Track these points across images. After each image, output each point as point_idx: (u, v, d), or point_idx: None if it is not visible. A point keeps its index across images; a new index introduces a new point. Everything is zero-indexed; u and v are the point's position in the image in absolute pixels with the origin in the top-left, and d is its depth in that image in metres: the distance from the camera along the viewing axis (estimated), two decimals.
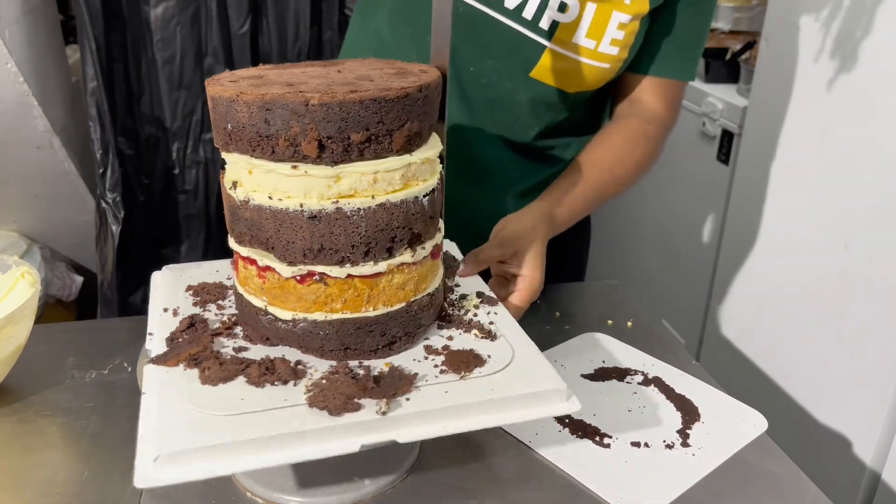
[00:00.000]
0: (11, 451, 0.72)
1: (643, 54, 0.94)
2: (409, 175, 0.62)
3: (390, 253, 0.62)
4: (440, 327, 0.70)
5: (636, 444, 0.75)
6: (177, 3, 1.68)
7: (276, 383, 0.60)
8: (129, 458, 0.71)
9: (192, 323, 0.67)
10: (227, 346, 0.65)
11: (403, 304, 0.65)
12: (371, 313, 0.63)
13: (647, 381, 0.86)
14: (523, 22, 0.87)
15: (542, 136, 0.98)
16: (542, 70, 0.90)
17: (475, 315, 0.72)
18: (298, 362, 0.63)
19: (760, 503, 0.69)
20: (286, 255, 0.61)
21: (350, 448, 0.55)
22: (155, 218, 1.82)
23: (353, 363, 0.63)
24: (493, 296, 0.75)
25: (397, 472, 0.70)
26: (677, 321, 1.97)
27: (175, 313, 0.70)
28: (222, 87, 0.59)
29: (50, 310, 1.69)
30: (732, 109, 1.69)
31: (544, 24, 0.87)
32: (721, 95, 1.75)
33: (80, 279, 1.73)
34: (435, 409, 0.57)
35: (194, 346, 0.63)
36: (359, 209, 0.59)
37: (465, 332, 0.69)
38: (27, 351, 0.81)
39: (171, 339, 0.65)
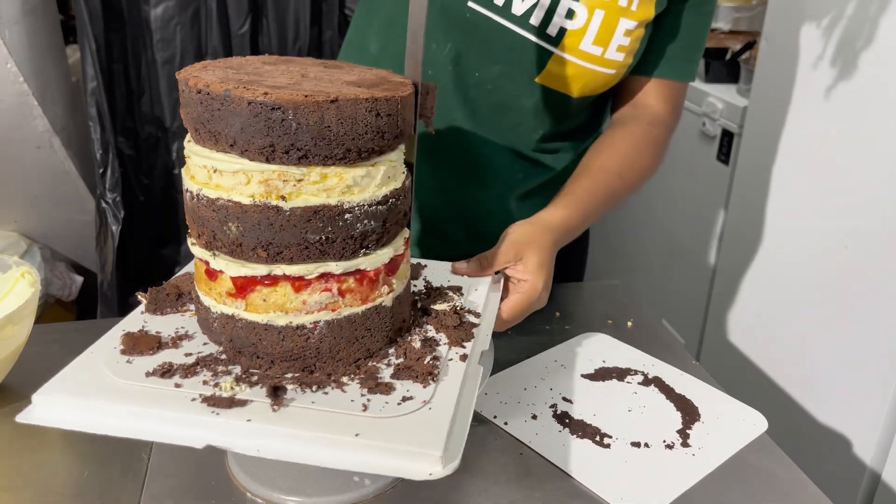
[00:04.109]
0: (11, 451, 0.72)
1: (646, 56, 0.94)
2: (211, 173, 0.60)
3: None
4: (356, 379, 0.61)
5: (636, 444, 0.75)
6: (177, 3, 1.68)
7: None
8: (130, 458, 0.71)
9: None
10: None
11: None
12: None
13: (647, 381, 0.86)
14: (530, 28, 0.87)
15: (545, 140, 0.98)
16: (548, 76, 0.90)
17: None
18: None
19: (760, 503, 0.69)
20: None
21: None
22: (155, 218, 1.82)
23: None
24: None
25: None
26: (677, 321, 1.97)
27: None
28: None
29: (50, 310, 1.69)
30: (732, 109, 1.69)
31: (552, 30, 0.87)
32: (721, 95, 1.75)
33: (80, 279, 1.74)
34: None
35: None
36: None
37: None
38: (27, 351, 0.81)
39: None
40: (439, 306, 0.70)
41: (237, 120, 0.55)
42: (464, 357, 0.63)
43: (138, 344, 0.63)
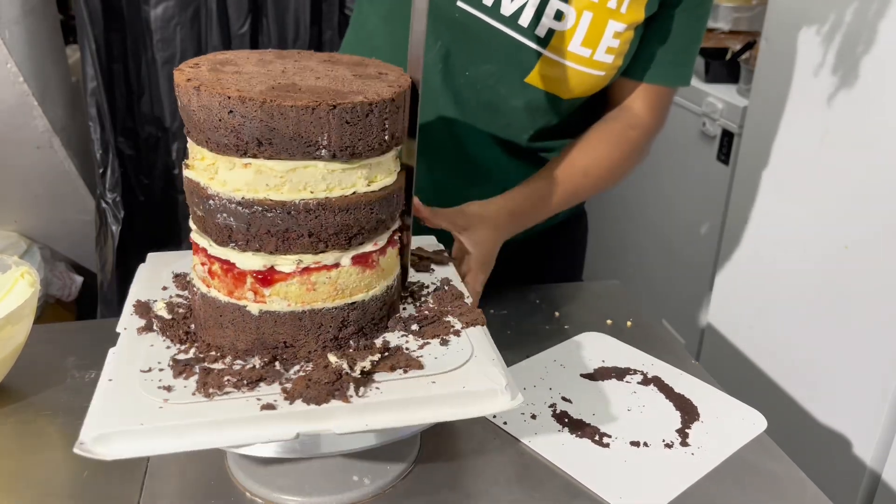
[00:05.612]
0: (11, 451, 0.72)
1: (635, 59, 0.94)
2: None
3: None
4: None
5: (635, 444, 0.75)
6: (177, 3, 1.68)
7: None
8: (129, 458, 0.71)
9: None
10: None
11: None
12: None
13: (646, 381, 0.86)
14: (519, 29, 0.87)
15: (537, 139, 0.98)
16: (538, 76, 0.90)
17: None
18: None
19: (760, 503, 0.69)
20: None
21: None
22: (155, 218, 1.82)
23: None
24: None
25: (397, 471, 0.70)
26: (677, 321, 1.98)
27: None
28: None
29: (50, 310, 1.69)
30: (732, 109, 1.69)
31: (540, 31, 0.87)
32: (721, 95, 1.75)
33: (80, 279, 1.74)
34: None
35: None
36: None
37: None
38: (27, 351, 0.81)
39: None
40: (361, 362, 0.59)
41: None
42: (268, 407, 0.55)
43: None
